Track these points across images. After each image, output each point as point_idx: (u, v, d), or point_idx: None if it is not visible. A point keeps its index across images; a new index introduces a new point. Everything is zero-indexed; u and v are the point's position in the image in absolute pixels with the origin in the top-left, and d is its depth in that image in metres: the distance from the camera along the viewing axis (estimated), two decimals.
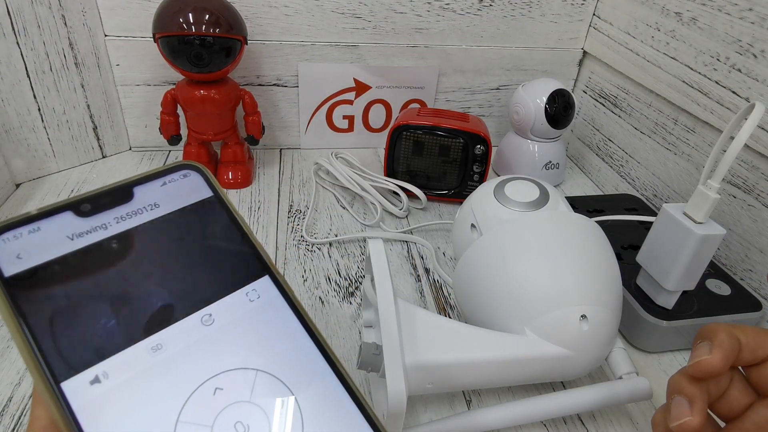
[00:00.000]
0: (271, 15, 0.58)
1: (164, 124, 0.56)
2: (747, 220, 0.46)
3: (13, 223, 0.17)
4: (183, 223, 0.19)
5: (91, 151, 0.61)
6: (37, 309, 0.16)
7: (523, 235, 0.36)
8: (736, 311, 0.40)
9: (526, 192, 0.40)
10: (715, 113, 0.48)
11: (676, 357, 0.41)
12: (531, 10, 0.63)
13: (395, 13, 0.61)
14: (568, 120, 0.60)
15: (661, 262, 0.38)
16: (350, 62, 0.63)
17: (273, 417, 0.17)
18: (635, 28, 0.58)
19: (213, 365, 0.17)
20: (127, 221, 0.19)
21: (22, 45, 0.51)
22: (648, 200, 0.58)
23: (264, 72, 0.62)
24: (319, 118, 0.66)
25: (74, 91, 0.56)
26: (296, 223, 0.53)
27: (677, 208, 0.37)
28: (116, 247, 0.18)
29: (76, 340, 0.16)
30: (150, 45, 0.57)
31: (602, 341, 0.33)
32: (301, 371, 0.18)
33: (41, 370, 0.15)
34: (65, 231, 0.18)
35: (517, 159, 0.63)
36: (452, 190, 0.58)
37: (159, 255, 0.18)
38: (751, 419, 0.24)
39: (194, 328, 0.18)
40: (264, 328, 0.18)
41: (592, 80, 0.68)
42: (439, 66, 0.65)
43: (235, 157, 0.58)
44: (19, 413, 0.33)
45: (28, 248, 0.17)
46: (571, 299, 0.32)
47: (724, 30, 0.47)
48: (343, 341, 0.40)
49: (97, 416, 0.15)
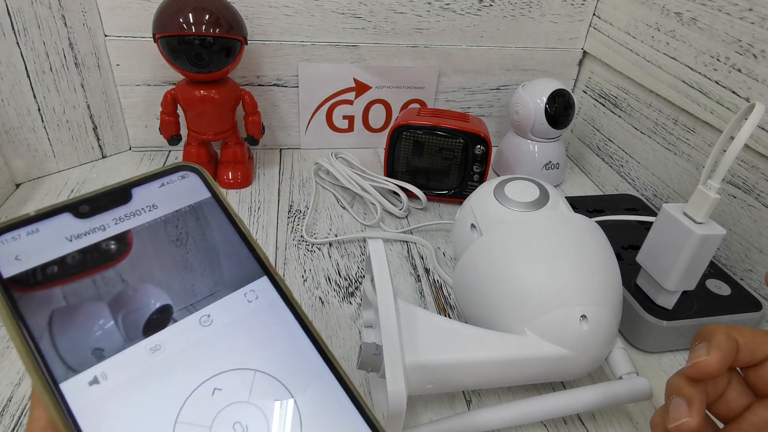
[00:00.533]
0: (271, 15, 0.58)
1: (164, 124, 0.56)
2: (747, 220, 0.46)
3: (11, 225, 0.17)
4: (181, 224, 0.19)
5: (91, 151, 0.61)
6: (35, 310, 0.16)
7: (523, 235, 0.36)
8: (736, 311, 0.40)
9: (526, 192, 0.39)
10: (715, 113, 0.48)
11: (676, 357, 0.41)
12: (531, 10, 0.63)
13: (395, 13, 0.61)
14: (568, 120, 0.60)
15: (661, 262, 0.38)
16: (350, 62, 0.63)
17: (271, 417, 0.17)
18: (635, 28, 0.58)
19: (211, 366, 0.17)
20: (125, 222, 0.19)
21: (22, 45, 0.51)
22: (648, 200, 0.58)
23: (264, 72, 0.62)
24: (319, 118, 0.66)
25: (74, 91, 0.56)
26: (296, 223, 0.53)
27: (677, 208, 0.37)
28: (114, 249, 0.18)
29: (75, 341, 0.16)
30: (150, 45, 0.57)
31: (602, 341, 0.33)
32: (299, 372, 0.18)
33: (40, 371, 0.15)
34: (64, 232, 0.18)
35: (517, 159, 0.62)
36: (452, 190, 0.58)
37: (157, 256, 0.18)
38: (749, 420, 0.24)
39: (193, 329, 0.18)
40: (262, 328, 0.18)
41: (592, 80, 0.68)
42: (439, 66, 0.65)
43: (235, 157, 0.58)
44: (19, 413, 0.33)
45: (26, 249, 0.17)
46: (571, 299, 0.32)
47: (724, 30, 0.47)
48: (343, 341, 0.40)
49: (96, 417, 0.15)
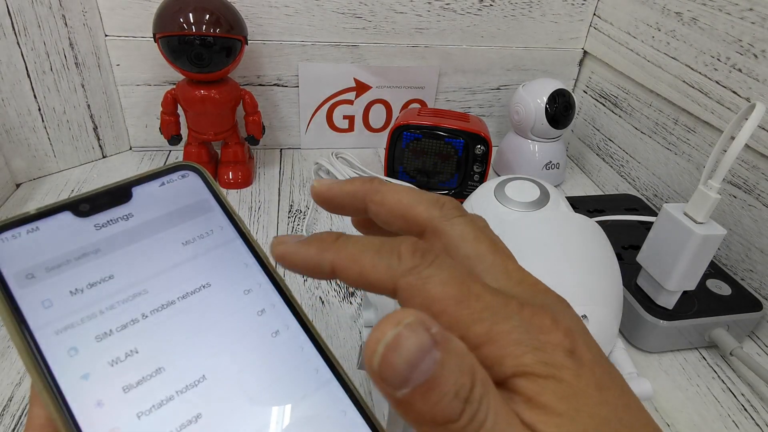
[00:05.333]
0: (271, 15, 0.58)
1: (164, 124, 0.56)
2: (747, 220, 0.46)
3: (11, 223, 0.17)
4: (181, 223, 0.19)
5: (92, 151, 0.61)
6: (35, 308, 0.16)
7: (523, 235, 0.36)
8: (737, 311, 0.40)
9: (527, 192, 0.39)
10: (715, 113, 0.48)
11: (677, 357, 0.41)
12: (531, 10, 0.63)
13: (395, 13, 0.61)
14: (569, 120, 0.60)
15: (662, 262, 0.38)
16: (350, 62, 0.63)
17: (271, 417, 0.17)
18: (636, 28, 0.58)
19: (209, 362, 0.17)
20: (125, 221, 0.19)
21: (23, 45, 0.51)
22: (648, 200, 0.58)
23: (264, 72, 0.62)
24: (320, 118, 0.66)
25: (74, 91, 0.56)
26: (297, 224, 0.53)
27: (678, 209, 0.37)
28: (114, 248, 0.18)
29: (75, 339, 0.16)
30: (150, 45, 0.57)
31: (602, 341, 0.33)
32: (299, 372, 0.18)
33: (39, 368, 0.15)
34: (64, 231, 0.18)
35: (518, 159, 0.62)
36: (452, 190, 0.58)
37: (157, 256, 0.18)
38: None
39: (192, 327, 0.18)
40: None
41: (593, 80, 0.68)
42: (440, 66, 0.65)
43: (236, 157, 0.58)
44: (20, 413, 0.33)
45: (26, 248, 0.17)
46: (572, 299, 0.32)
47: (725, 30, 0.46)
48: (343, 341, 0.40)
49: (95, 415, 0.15)
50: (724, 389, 0.39)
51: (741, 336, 0.41)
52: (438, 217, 0.17)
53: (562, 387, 0.13)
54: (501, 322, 0.14)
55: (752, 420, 0.37)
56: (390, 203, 0.18)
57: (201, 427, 0.16)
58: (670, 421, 0.36)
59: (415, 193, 0.18)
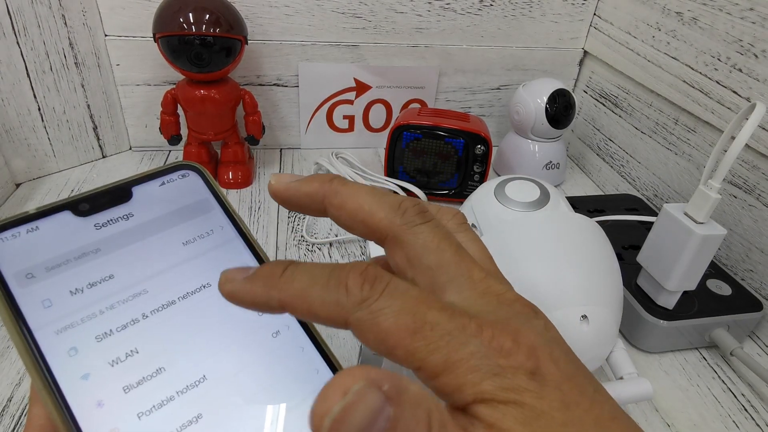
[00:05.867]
0: (271, 15, 0.58)
1: (164, 124, 0.56)
2: (748, 220, 0.46)
3: (11, 223, 0.17)
4: (181, 223, 0.19)
5: (91, 150, 0.61)
6: (35, 308, 0.16)
7: (523, 235, 0.36)
8: (737, 311, 0.40)
9: (527, 192, 0.39)
10: (715, 113, 0.48)
11: (677, 357, 0.41)
12: (531, 10, 0.63)
13: (396, 12, 0.61)
14: (569, 120, 0.59)
15: (662, 262, 0.38)
16: (350, 62, 0.63)
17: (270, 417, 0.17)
18: (636, 27, 0.58)
19: (209, 362, 0.17)
20: (125, 221, 0.19)
21: (22, 45, 0.51)
22: (649, 200, 0.58)
23: (264, 72, 0.62)
24: (320, 118, 0.66)
25: (74, 91, 0.56)
26: (296, 223, 0.53)
27: (678, 208, 0.37)
28: (114, 248, 0.18)
29: (75, 339, 0.16)
30: (150, 45, 0.57)
31: (603, 342, 0.33)
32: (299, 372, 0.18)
33: (39, 368, 0.15)
34: (64, 230, 0.18)
35: (518, 159, 0.62)
36: (452, 190, 0.58)
37: (157, 255, 0.18)
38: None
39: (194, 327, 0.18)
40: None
41: (593, 80, 0.68)
42: (440, 66, 0.65)
43: (236, 157, 0.58)
44: (20, 413, 0.33)
45: (26, 247, 0.17)
46: (572, 300, 0.32)
47: (725, 30, 0.46)
48: (343, 341, 0.40)
49: (95, 414, 0.15)
50: (724, 389, 0.39)
51: (741, 336, 0.41)
52: (399, 224, 0.16)
53: (523, 412, 0.13)
54: (459, 349, 0.13)
55: (752, 420, 0.37)
56: (350, 208, 0.17)
57: (201, 428, 0.16)
58: (670, 421, 0.36)
59: (376, 197, 0.17)
